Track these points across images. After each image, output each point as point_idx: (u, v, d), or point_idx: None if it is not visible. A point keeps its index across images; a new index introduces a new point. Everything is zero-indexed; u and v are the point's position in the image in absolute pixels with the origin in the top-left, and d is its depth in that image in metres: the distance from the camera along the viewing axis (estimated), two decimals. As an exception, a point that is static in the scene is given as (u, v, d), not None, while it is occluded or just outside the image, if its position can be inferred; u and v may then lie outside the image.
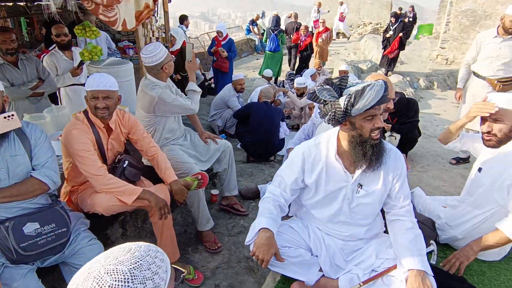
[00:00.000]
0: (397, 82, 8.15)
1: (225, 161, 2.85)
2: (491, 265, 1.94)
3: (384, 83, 1.43)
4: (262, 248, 1.48)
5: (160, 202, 1.98)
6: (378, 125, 1.47)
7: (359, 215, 1.66)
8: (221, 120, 5.20)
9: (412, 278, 1.46)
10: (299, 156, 1.66)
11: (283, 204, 1.68)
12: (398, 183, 1.62)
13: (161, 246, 2.20)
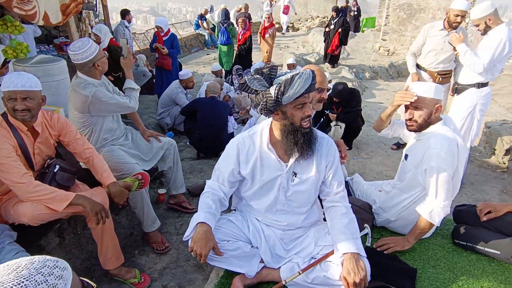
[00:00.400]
0: (344, 74, 8.47)
1: (170, 159, 2.78)
2: (421, 241, 2.09)
3: (311, 72, 1.47)
4: (200, 242, 1.48)
5: (96, 206, 1.88)
6: (308, 113, 1.50)
7: (295, 203, 1.70)
8: (169, 117, 5.08)
9: (347, 261, 1.52)
10: (233, 147, 1.67)
11: (222, 198, 1.68)
12: (331, 170, 1.68)
13: (102, 252, 2.12)
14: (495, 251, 1.92)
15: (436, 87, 1.88)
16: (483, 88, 3.21)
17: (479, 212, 2.03)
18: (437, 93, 1.87)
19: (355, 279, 1.47)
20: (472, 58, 3.03)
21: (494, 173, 4.22)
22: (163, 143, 2.76)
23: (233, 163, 1.67)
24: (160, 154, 2.72)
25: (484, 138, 4.85)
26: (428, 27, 3.75)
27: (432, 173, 1.81)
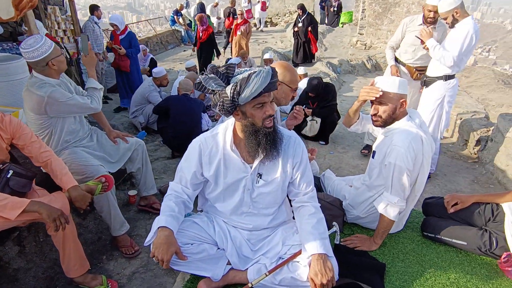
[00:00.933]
0: (321, 68, 8.49)
1: (138, 160, 2.69)
2: (391, 235, 2.09)
3: (271, 70, 1.41)
4: (161, 248, 1.42)
5: (53, 212, 1.78)
6: (269, 112, 1.44)
7: (261, 204, 1.65)
8: (143, 116, 4.96)
9: (314, 262, 1.49)
10: (195, 148, 1.60)
11: (186, 200, 1.62)
12: (299, 170, 1.62)
13: (64, 260, 2.02)
14: (462, 242, 1.93)
15: (400, 82, 1.87)
16: (450, 80, 3.28)
17: (446, 204, 2.05)
18: (401, 87, 1.86)
19: (322, 280, 1.44)
20: (442, 52, 3.08)
21: (466, 163, 4.31)
22: (131, 143, 2.66)
23: (195, 165, 1.59)
24: (128, 155, 2.62)
25: (457, 130, 4.96)
26: (408, 21, 3.74)
27: (390, 169, 1.82)
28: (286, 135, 1.62)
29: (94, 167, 2.31)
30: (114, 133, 2.62)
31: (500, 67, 59.16)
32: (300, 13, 8.36)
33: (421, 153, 1.81)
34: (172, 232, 1.47)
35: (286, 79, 2.10)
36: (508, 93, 7.67)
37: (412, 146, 1.78)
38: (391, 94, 1.85)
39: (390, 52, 3.94)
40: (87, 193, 2.04)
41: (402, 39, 3.81)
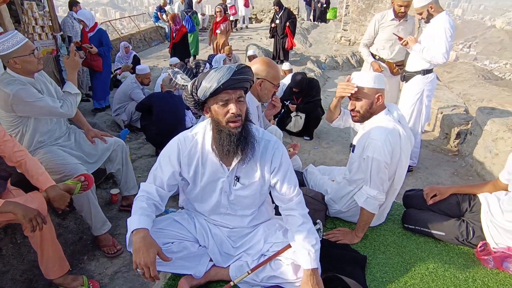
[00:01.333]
0: (307, 64, 8.51)
1: (118, 160, 2.63)
2: (373, 228, 2.12)
3: (237, 67, 1.36)
4: (140, 252, 1.31)
5: (29, 213, 1.74)
6: (232, 111, 1.36)
7: (238, 206, 1.62)
8: (125, 114, 4.88)
9: (306, 278, 1.48)
10: (173, 148, 1.54)
11: (158, 202, 1.53)
12: (278, 175, 1.55)
13: (43, 261, 1.98)
14: (440, 233, 1.97)
15: (375, 77, 1.88)
16: (428, 75, 3.35)
17: (425, 196, 2.08)
18: (376, 82, 1.87)
19: None
20: (431, 53, 3.15)
21: (447, 156, 4.40)
22: (109, 143, 2.59)
23: (174, 165, 1.53)
24: (106, 155, 2.56)
25: (438, 124, 5.05)
26: (379, 17, 3.75)
27: (368, 162, 1.83)
28: (265, 139, 1.55)
29: (72, 165, 2.26)
30: (92, 133, 2.55)
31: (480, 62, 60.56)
32: (277, 9, 8.25)
33: (398, 147, 1.83)
34: (147, 232, 1.39)
35: (269, 75, 2.09)
36: (488, 88, 7.87)
37: (389, 140, 1.80)
38: (366, 89, 1.86)
39: (365, 50, 3.95)
40: (66, 193, 2.00)
41: (375, 35, 3.83)
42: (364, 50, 3.95)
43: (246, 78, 1.39)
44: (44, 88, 2.30)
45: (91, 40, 5.00)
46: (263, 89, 2.12)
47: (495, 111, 4.02)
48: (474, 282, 1.72)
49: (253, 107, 2.19)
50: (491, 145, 3.64)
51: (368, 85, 1.86)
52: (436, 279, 1.73)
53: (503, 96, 6.82)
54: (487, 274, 1.77)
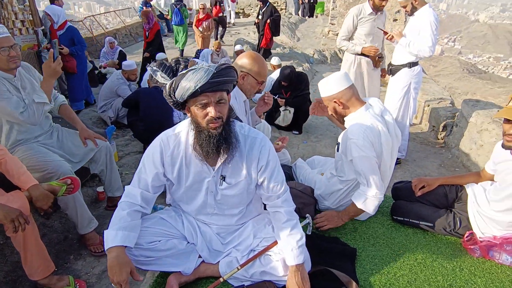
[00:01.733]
0: (294, 58, 8.50)
1: (101, 162, 2.54)
2: (363, 221, 2.13)
3: (217, 69, 1.32)
4: (113, 270, 1.31)
5: (11, 213, 1.68)
6: (211, 115, 1.32)
7: (225, 206, 1.59)
8: (112, 110, 4.79)
9: (292, 274, 1.47)
10: (156, 148, 1.49)
11: (140, 206, 1.49)
12: (265, 174, 1.51)
13: (27, 262, 1.92)
14: (428, 224, 1.99)
15: (321, 86, 1.94)
16: (414, 68, 3.38)
17: (413, 188, 2.10)
18: (326, 90, 1.93)
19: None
20: (417, 46, 3.18)
21: (434, 148, 4.46)
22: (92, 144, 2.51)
23: (157, 166, 1.48)
24: (90, 155, 2.47)
25: (425, 117, 5.11)
26: (356, 11, 3.69)
27: (357, 163, 1.82)
28: (251, 136, 1.52)
29: (55, 162, 2.19)
30: (85, 133, 2.44)
31: (465, 56, 61.59)
32: (261, 5, 8.05)
33: (378, 143, 1.83)
34: (122, 250, 1.36)
35: (253, 70, 2.05)
36: (472, 81, 8.01)
37: (367, 136, 1.80)
38: (323, 99, 1.98)
39: (347, 42, 3.88)
40: (49, 193, 1.94)
41: (353, 30, 3.77)
42: (345, 43, 3.87)
43: (225, 81, 1.33)
44: (28, 86, 2.20)
45: (61, 39, 4.58)
46: (245, 83, 2.08)
47: (480, 103, 4.09)
48: (461, 271, 1.74)
49: (240, 102, 2.16)
50: (476, 136, 3.70)
51: (322, 95, 1.96)
52: (425, 269, 1.75)
53: (486, 89, 6.96)
54: (474, 263, 1.80)
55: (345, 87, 1.88)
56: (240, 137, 1.49)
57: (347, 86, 1.89)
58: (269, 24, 7.75)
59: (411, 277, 1.70)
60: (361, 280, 1.68)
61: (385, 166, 1.92)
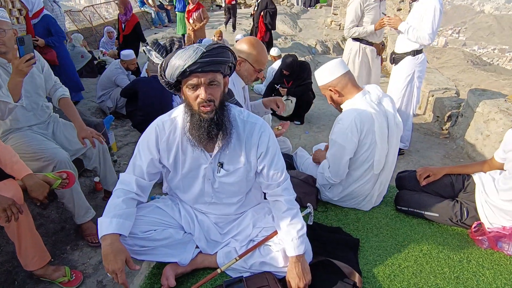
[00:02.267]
0: (296, 48, 8.39)
1: (94, 159, 2.46)
2: (366, 212, 2.07)
3: (208, 48, 1.24)
4: (108, 258, 1.26)
5: (3, 202, 1.63)
6: (202, 97, 1.26)
7: (224, 194, 1.53)
8: (111, 100, 4.72)
9: (293, 265, 1.42)
10: (151, 133, 1.43)
11: (136, 194, 1.44)
12: (264, 161, 1.45)
13: (21, 252, 1.88)
14: (434, 214, 1.93)
15: (317, 75, 1.95)
16: (418, 56, 3.29)
17: (418, 177, 2.03)
18: (320, 79, 1.93)
19: (299, 284, 1.40)
20: (416, 33, 3.09)
21: (437, 139, 4.38)
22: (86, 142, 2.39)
23: (152, 152, 1.43)
24: (81, 152, 2.40)
25: (429, 107, 5.02)
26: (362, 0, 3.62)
27: (331, 145, 1.88)
28: (250, 122, 1.45)
29: (51, 150, 2.13)
30: (84, 133, 2.28)
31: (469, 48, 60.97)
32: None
33: (369, 130, 1.81)
34: (116, 238, 1.31)
35: (251, 57, 1.98)
36: (476, 73, 7.88)
37: (355, 122, 1.79)
38: (320, 87, 1.97)
39: (357, 28, 3.76)
40: (44, 182, 1.88)
41: (360, 18, 3.70)
42: (356, 28, 3.76)
43: (216, 61, 1.25)
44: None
45: (36, 29, 4.14)
46: (242, 70, 2.02)
47: (486, 92, 3.99)
48: (469, 263, 1.68)
49: (238, 88, 2.09)
50: (482, 126, 3.62)
51: (318, 84, 1.97)
52: (430, 260, 1.69)
53: (491, 81, 6.84)
54: (482, 255, 1.74)
55: (339, 74, 1.87)
56: (239, 122, 1.43)
57: (342, 73, 1.87)
58: (263, 17, 7.40)
59: (416, 268, 1.64)
60: (364, 271, 1.63)
61: (381, 153, 1.88)
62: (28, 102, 2.18)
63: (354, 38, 3.82)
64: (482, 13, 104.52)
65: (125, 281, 1.27)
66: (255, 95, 5.87)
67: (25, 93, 2.15)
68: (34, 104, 2.24)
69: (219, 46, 1.28)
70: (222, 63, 1.28)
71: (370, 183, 1.96)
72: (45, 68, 2.31)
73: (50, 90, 2.35)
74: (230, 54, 1.32)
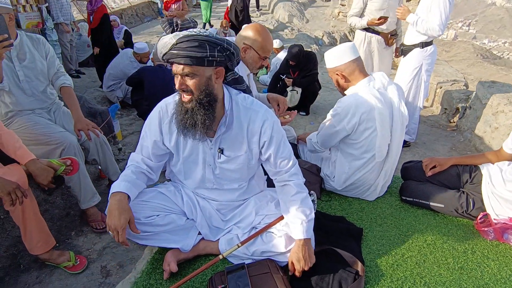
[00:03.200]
0: (302, 40, 8.30)
1: (92, 152, 2.45)
2: (370, 202, 2.05)
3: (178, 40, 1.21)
4: (112, 214, 1.27)
5: (7, 186, 1.64)
6: (177, 86, 1.27)
7: (225, 181, 1.53)
8: (120, 90, 4.72)
9: (298, 247, 1.42)
10: (155, 115, 1.45)
11: (146, 171, 1.47)
12: (271, 148, 1.44)
13: (26, 236, 1.89)
14: (439, 205, 1.91)
15: (326, 57, 1.98)
16: (427, 48, 3.21)
17: (424, 168, 2.01)
18: (329, 62, 1.95)
19: (304, 267, 1.40)
20: (425, 24, 3.03)
21: (445, 132, 4.33)
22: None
23: (155, 133, 1.44)
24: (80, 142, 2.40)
25: (436, 99, 4.95)
26: None
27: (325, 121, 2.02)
28: (253, 109, 1.43)
29: (58, 133, 2.12)
30: (79, 125, 2.25)
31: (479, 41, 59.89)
32: None
33: (369, 117, 1.82)
34: (125, 196, 1.34)
35: (256, 44, 1.94)
36: (486, 67, 7.73)
37: (350, 108, 1.83)
38: (328, 69, 2.00)
39: (356, 18, 3.71)
40: (49, 167, 1.89)
41: (364, 7, 3.63)
42: (353, 18, 3.71)
43: (185, 54, 1.21)
44: (27, 58, 2.15)
45: None
46: (247, 57, 1.99)
47: (496, 84, 3.92)
48: (474, 254, 1.66)
49: (243, 75, 2.07)
50: (491, 119, 3.55)
51: (327, 66, 2.00)
52: (434, 251, 1.67)
53: (500, 76, 6.71)
54: (487, 246, 1.72)
55: (349, 60, 1.89)
56: (242, 109, 1.42)
57: (352, 59, 1.87)
58: (229, 11, 6.85)
59: (420, 258, 1.63)
60: (367, 260, 1.62)
61: (382, 141, 1.87)
62: (28, 87, 2.20)
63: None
64: (493, 5, 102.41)
65: (125, 240, 1.29)
66: (261, 86, 5.84)
67: (25, 78, 2.17)
68: (34, 89, 2.24)
69: (192, 39, 1.22)
70: (193, 57, 1.22)
71: (375, 173, 1.95)
72: (49, 55, 2.31)
73: (52, 78, 2.35)
74: (210, 48, 1.23)
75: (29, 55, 2.18)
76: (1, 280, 1.95)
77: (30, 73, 2.18)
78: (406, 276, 1.53)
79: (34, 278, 1.99)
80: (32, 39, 2.22)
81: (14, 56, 2.09)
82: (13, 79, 2.13)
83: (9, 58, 2.09)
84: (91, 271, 2.05)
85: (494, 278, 1.53)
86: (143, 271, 1.54)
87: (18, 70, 2.11)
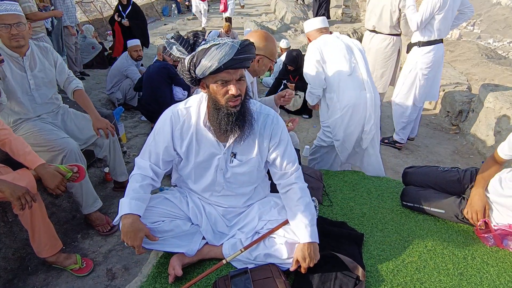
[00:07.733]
0: (306, 43, 8.31)
1: (104, 147, 2.51)
2: (371, 206, 2.08)
3: (240, 44, 1.27)
4: (128, 235, 1.34)
5: (17, 190, 1.69)
6: (232, 92, 1.30)
7: (235, 184, 1.57)
8: (120, 92, 4.77)
9: (304, 246, 1.45)
10: (166, 121, 1.47)
11: (152, 178, 1.50)
12: (277, 151, 1.51)
13: (34, 239, 1.94)
14: (440, 210, 1.93)
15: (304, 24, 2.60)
16: (424, 48, 3.22)
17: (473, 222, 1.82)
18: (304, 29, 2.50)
19: (310, 264, 1.43)
20: (410, 15, 3.09)
21: (447, 135, 4.34)
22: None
23: (167, 139, 1.47)
24: (92, 140, 2.45)
25: (439, 102, 4.95)
26: None
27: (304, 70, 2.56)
28: (263, 113, 1.50)
29: (61, 140, 2.18)
30: (99, 124, 2.33)
31: (484, 41, 59.42)
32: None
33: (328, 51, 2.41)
34: (136, 217, 1.38)
35: (268, 51, 2.02)
36: (491, 67, 7.70)
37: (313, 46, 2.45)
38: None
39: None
40: (57, 172, 1.93)
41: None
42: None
43: (249, 57, 1.30)
44: (38, 67, 2.21)
45: None
46: (261, 65, 2.05)
47: (499, 88, 3.93)
48: (473, 259, 1.69)
49: (248, 82, 2.11)
50: (493, 122, 3.57)
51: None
52: (435, 256, 1.70)
53: (505, 76, 6.68)
54: (487, 252, 1.74)
55: (315, 28, 2.50)
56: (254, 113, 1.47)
57: (317, 27, 2.50)
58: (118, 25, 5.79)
59: (420, 264, 1.65)
60: (368, 265, 1.64)
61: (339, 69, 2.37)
62: (37, 94, 2.26)
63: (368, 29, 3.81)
64: (498, 5, 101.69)
65: (142, 251, 1.40)
66: (264, 88, 5.87)
67: (35, 86, 2.23)
68: (43, 96, 2.30)
69: (250, 43, 1.31)
70: (251, 59, 1.33)
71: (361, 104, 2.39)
72: (58, 62, 2.36)
73: (64, 83, 2.41)
74: (254, 49, 1.36)
75: (40, 64, 2.24)
76: (9, 282, 2.00)
77: (39, 81, 2.25)
78: (406, 282, 1.55)
79: (41, 281, 2.03)
80: (40, 48, 2.28)
81: (26, 66, 2.15)
82: (24, 88, 2.19)
83: (22, 68, 2.14)
84: (97, 274, 2.09)
85: (493, 284, 1.55)
86: (149, 275, 1.57)
87: (30, 79, 2.17)
